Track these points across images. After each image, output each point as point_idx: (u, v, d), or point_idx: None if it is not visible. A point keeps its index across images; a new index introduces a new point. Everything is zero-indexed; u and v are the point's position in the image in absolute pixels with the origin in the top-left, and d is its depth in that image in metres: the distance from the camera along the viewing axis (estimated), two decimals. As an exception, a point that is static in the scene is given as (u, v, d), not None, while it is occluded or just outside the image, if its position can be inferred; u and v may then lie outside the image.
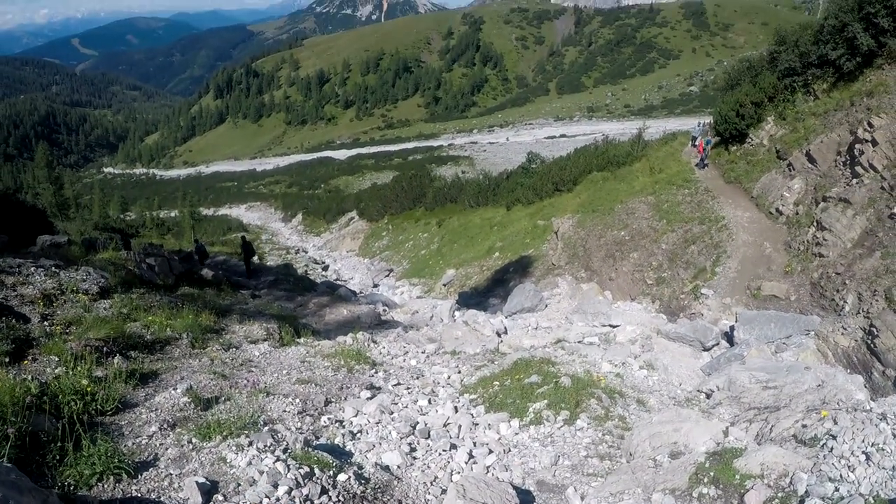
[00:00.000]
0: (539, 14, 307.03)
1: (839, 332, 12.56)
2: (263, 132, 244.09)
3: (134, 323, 11.49)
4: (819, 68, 25.15)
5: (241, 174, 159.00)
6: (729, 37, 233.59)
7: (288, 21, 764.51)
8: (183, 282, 19.54)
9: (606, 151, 41.84)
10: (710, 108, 53.27)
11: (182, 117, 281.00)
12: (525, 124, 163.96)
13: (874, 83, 21.17)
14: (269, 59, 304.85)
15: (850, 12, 23.26)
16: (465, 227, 45.46)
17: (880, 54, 21.93)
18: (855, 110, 21.24)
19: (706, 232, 22.88)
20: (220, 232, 65.04)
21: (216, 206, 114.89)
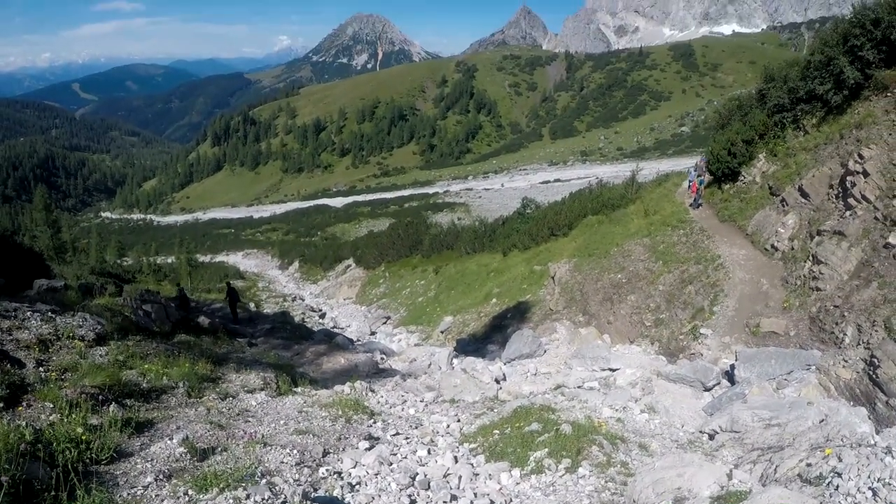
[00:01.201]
0: (531, 61, 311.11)
1: (840, 365, 12.47)
2: (260, 179, 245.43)
3: (130, 371, 11.39)
4: (807, 103, 25.44)
5: (238, 221, 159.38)
6: (718, 77, 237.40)
7: (285, 70, 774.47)
8: (179, 329, 19.46)
9: (601, 195, 42.10)
10: (702, 147, 53.68)
11: (180, 164, 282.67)
12: (520, 170, 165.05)
13: (862, 115, 21.36)
14: (266, 107, 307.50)
15: (836, 47, 23.63)
16: (462, 274, 45.39)
17: (867, 86, 22.14)
18: (845, 143, 21.41)
19: (703, 271, 22.86)
20: (216, 279, 64.80)
21: (213, 253, 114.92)
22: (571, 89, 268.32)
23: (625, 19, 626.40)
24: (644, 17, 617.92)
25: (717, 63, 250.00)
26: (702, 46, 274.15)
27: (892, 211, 17.36)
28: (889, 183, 17.98)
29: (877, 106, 21.05)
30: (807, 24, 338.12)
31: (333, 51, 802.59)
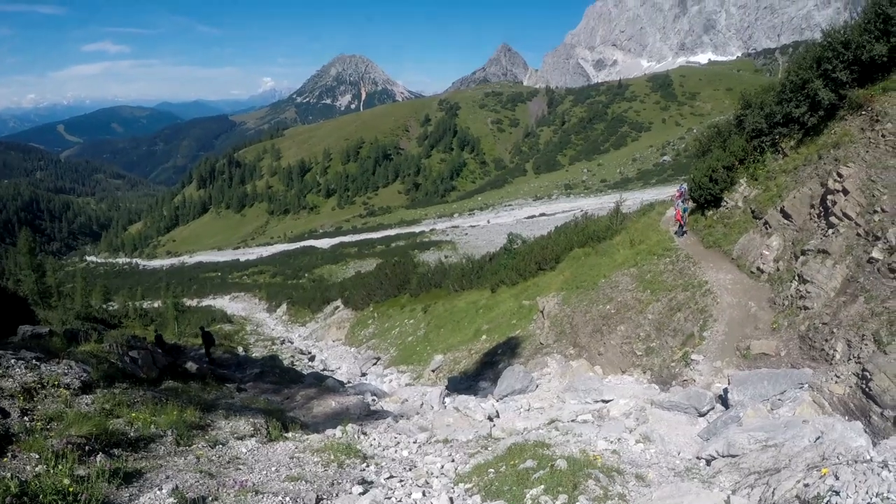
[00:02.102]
0: (512, 97, 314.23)
1: (833, 381, 12.49)
2: (246, 222, 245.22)
3: (117, 419, 11.23)
4: (785, 126, 25.80)
5: (225, 264, 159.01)
6: (696, 105, 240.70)
7: (269, 111, 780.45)
8: (167, 375, 19.27)
9: (586, 227, 42.31)
10: (684, 175, 53.99)
11: (165, 207, 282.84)
12: (505, 205, 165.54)
13: (839, 134, 21.70)
14: (251, 149, 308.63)
15: (809, 70, 24.01)
16: (451, 312, 45.31)
17: (841, 106, 22.53)
18: (823, 163, 21.71)
19: (691, 298, 22.87)
20: (204, 323, 64.56)
21: (200, 297, 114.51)
22: (553, 124, 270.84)
23: (603, 53, 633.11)
24: (622, 50, 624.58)
25: (694, 92, 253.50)
26: (679, 76, 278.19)
27: (873, 226, 17.51)
28: (869, 199, 18.17)
29: (852, 125, 21.40)
30: (780, 49, 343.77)
31: (317, 92, 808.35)
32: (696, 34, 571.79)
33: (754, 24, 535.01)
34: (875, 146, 19.31)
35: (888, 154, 18.60)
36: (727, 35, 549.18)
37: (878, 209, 17.59)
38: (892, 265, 15.58)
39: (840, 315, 16.04)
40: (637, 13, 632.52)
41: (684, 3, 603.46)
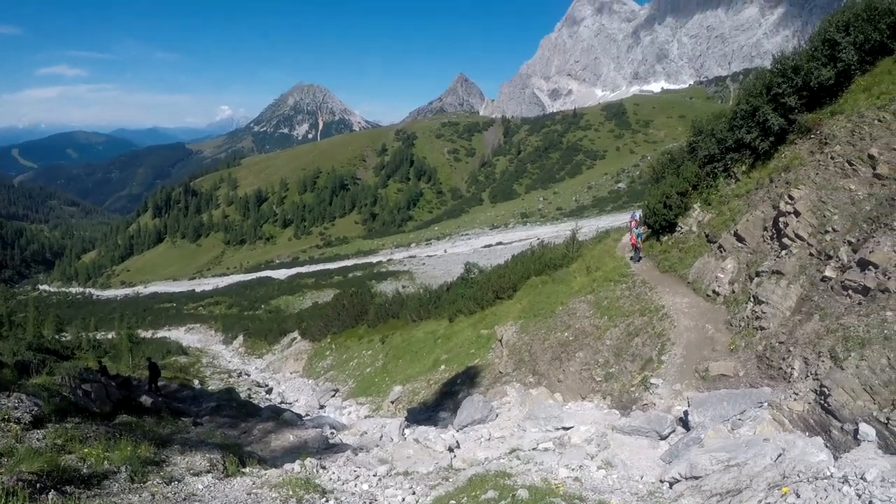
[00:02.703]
0: (469, 127, 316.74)
1: (792, 399, 12.62)
2: (202, 252, 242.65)
3: (69, 455, 10.93)
4: (736, 152, 26.39)
5: (180, 295, 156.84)
6: (650, 132, 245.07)
7: (226, 140, 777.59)
8: (121, 409, 18.84)
9: (543, 255, 42.54)
10: (639, 201, 54.58)
11: (120, 236, 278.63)
12: (462, 235, 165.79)
13: (789, 158, 22.23)
14: (208, 178, 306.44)
15: (759, 96, 24.59)
16: (409, 342, 45.15)
17: (791, 130, 23.16)
18: (775, 186, 22.18)
19: (648, 323, 23.00)
20: (159, 355, 63.36)
21: (155, 329, 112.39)
22: (509, 153, 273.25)
23: (558, 83, 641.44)
24: (576, 79, 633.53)
25: (648, 120, 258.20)
26: (633, 105, 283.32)
27: (825, 246, 17.87)
28: (820, 220, 18.57)
29: (802, 148, 21.95)
30: (731, 76, 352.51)
31: (275, 121, 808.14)
32: (650, 63, 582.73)
33: (706, 52, 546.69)
34: (825, 168, 19.73)
35: (837, 175, 19.01)
36: (679, 64, 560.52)
37: (829, 229, 17.96)
38: (845, 283, 15.83)
39: (796, 334, 16.23)
40: (591, 44, 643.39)
41: (637, 34, 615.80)
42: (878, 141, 18.34)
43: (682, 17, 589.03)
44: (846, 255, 16.60)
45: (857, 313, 14.45)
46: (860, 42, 21.87)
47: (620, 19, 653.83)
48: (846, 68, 22.12)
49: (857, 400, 11.61)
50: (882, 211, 16.54)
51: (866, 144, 18.68)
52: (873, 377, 11.78)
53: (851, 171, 18.65)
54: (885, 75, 20.67)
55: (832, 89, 22.53)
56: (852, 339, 13.29)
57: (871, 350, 12.39)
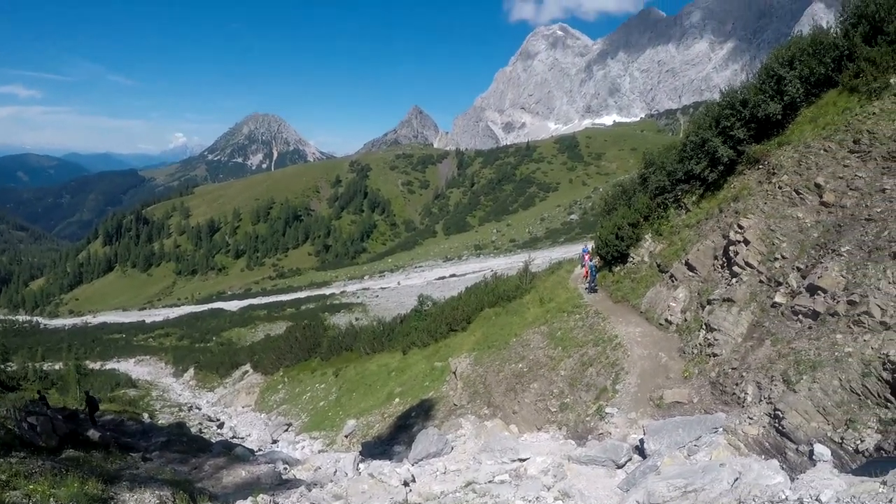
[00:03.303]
0: (423, 159, 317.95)
1: (747, 423, 12.73)
2: (153, 282, 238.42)
3: (13, 491, 10.53)
4: (687, 183, 26.90)
5: (130, 326, 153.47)
6: (602, 164, 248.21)
7: (179, 168, 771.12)
8: (67, 444, 18.30)
9: (496, 287, 42.75)
10: (591, 233, 55.02)
11: (69, 263, 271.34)
12: (415, 267, 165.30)
13: (738, 188, 22.78)
14: (160, 207, 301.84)
15: (709, 129, 25.22)
16: (363, 375, 44.84)
17: (740, 161, 23.85)
18: (724, 216, 22.68)
19: (602, 352, 23.08)
20: (108, 388, 62.14)
21: (104, 360, 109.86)
22: (463, 185, 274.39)
23: (512, 116, 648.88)
24: (530, 113, 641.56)
25: (600, 152, 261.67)
26: (585, 137, 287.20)
27: (775, 272, 18.28)
28: (769, 247, 19.01)
29: (751, 178, 22.48)
30: (681, 109, 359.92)
31: (229, 150, 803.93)
32: (602, 97, 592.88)
33: (657, 86, 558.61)
34: (773, 197, 20.14)
35: (785, 204, 19.41)
36: (631, 97, 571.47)
37: (778, 256, 18.33)
38: (795, 308, 16.12)
39: (748, 359, 16.39)
40: (545, 77, 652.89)
41: (590, 68, 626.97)
42: (825, 170, 18.76)
43: (634, 52, 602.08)
44: (795, 281, 16.89)
45: (808, 337, 14.67)
46: (806, 75, 22.49)
47: (574, 54, 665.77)
48: (792, 101, 22.73)
49: (811, 421, 11.78)
50: (829, 237, 16.90)
51: (813, 174, 19.10)
52: (826, 399, 11.98)
53: (799, 200, 19.02)
54: (831, 107, 21.21)
55: (779, 121, 23.11)
56: (804, 363, 13.49)
57: (822, 372, 12.56)
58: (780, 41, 28.33)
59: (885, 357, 11.50)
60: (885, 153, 17.22)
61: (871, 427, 10.90)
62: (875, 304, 13.27)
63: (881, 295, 13.40)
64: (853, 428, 11.10)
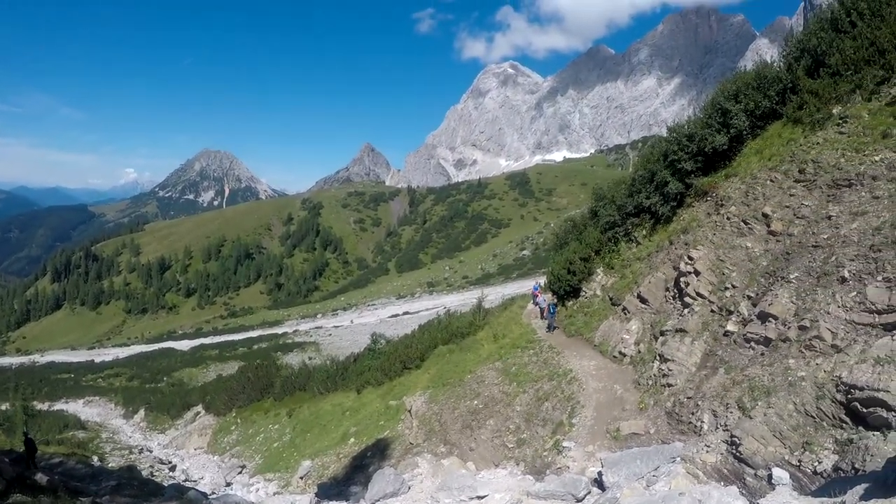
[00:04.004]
0: (375, 197, 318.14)
1: (704, 451, 12.75)
2: (102, 320, 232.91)
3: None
4: (637, 216, 27.39)
5: (79, 365, 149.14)
6: (553, 200, 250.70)
7: (130, 204, 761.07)
8: (14, 488, 17.71)
9: (450, 324, 42.84)
10: (544, 268, 55.32)
11: (16, 300, 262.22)
12: (368, 305, 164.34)
13: (687, 220, 23.28)
14: (110, 243, 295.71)
15: (657, 162, 25.70)
16: (317, 416, 44.36)
17: (688, 194, 24.44)
18: (674, 248, 23.11)
19: (557, 387, 23.13)
20: (56, 429, 60.54)
21: (51, 401, 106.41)
22: (415, 223, 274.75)
23: (463, 153, 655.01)
24: (481, 150, 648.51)
25: (551, 188, 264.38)
26: (536, 174, 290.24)
27: (726, 302, 18.63)
28: (719, 277, 19.40)
29: (699, 210, 22.95)
30: (630, 144, 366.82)
31: (180, 186, 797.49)
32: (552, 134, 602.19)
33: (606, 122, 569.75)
34: (721, 228, 20.51)
35: (734, 234, 19.78)
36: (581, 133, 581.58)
37: (728, 286, 18.65)
38: (747, 336, 16.37)
39: (703, 388, 16.54)
40: (496, 115, 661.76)
41: (541, 106, 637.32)
42: (771, 200, 19.16)
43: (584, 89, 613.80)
44: (746, 310, 17.16)
45: (761, 364, 14.87)
46: (751, 108, 23.05)
47: (524, 91, 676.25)
48: (738, 133, 23.28)
49: (769, 446, 11.86)
50: (778, 265, 17.21)
51: (760, 204, 19.50)
52: (782, 423, 12.10)
53: (747, 230, 19.36)
54: (776, 138, 21.73)
55: (726, 153, 23.62)
56: (758, 389, 13.65)
57: (777, 398, 12.70)
58: (726, 76, 29.03)
59: (838, 379, 11.67)
60: (829, 181, 17.66)
61: (827, 448, 11.03)
62: (826, 328, 13.52)
63: (831, 319, 13.66)
64: (810, 450, 11.23)
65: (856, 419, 11.11)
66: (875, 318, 12.81)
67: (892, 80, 18.81)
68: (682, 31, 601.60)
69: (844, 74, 20.20)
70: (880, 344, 11.85)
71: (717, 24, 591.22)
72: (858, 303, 13.40)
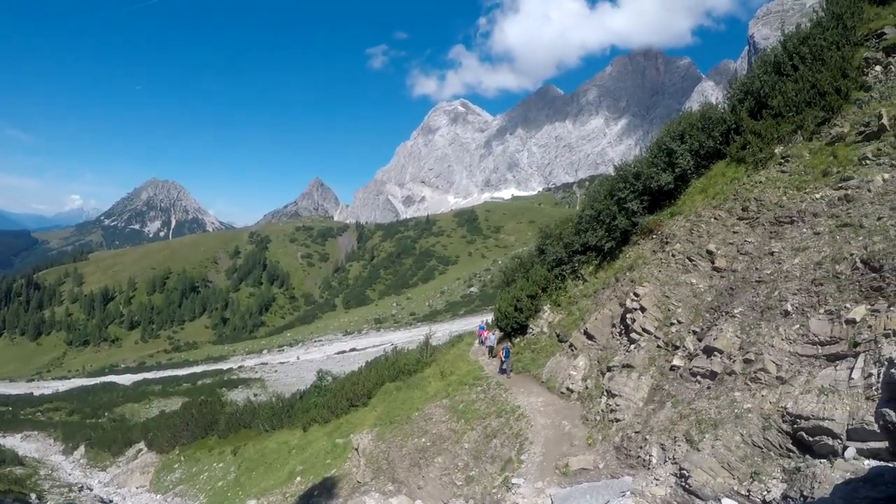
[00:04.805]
0: (323, 232, 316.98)
1: (653, 484, 12.86)
2: (42, 352, 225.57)
3: None
4: (583, 254, 27.87)
5: (17, 398, 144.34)
6: (501, 237, 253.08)
7: (74, 232, 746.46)
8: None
9: (397, 361, 42.81)
10: (491, 305, 55.52)
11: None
12: (315, 341, 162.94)
13: (633, 257, 23.76)
14: (52, 272, 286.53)
15: (604, 200, 26.18)
16: (262, 454, 43.71)
17: (634, 231, 25.01)
18: (621, 284, 23.53)
19: (505, 423, 23.14)
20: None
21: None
22: (363, 259, 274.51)
23: (412, 190, 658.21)
24: (430, 187, 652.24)
25: (499, 225, 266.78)
26: (484, 211, 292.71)
27: (672, 337, 18.97)
28: (665, 313, 19.76)
29: (645, 248, 23.48)
30: (578, 183, 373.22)
31: (126, 215, 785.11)
32: (501, 172, 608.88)
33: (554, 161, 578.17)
34: (666, 265, 20.93)
35: (679, 271, 20.18)
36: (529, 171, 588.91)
37: (674, 321, 18.98)
38: (693, 370, 16.65)
39: (651, 422, 16.69)
40: (445, 152, 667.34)
41: (490, 144, 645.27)
42: (715, 237, 19.62)
43: (533, 128, 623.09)
44: (692, 344, 17.44)
45: (708, 397, 15.10)
46: (695, 148, 23.66)
47: (474, 129, 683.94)
48: (683, 173, 23.84)
49: (717, 477, 12.02)
50: (722, 300, 17.56)
51: (704, 241, 19.95)
52: (730, 454, 12.28)
53: (692, 266, 19.74)
54: (720, 177, 22.30)
55: (672, 192, 24.17)
56: (705, 422, 13.85)
57: (724, 430, 12.90)
58: (672, 117, 29.72)
59: (784, 409, 11.91)
60: (771, 218, 18.15)
61: (775, 478, 11.21)
62: (770, 361, 13.80)
63: (775, 352, 13.95)
64: (758, 480, 11.40)
65: (802, 448, 11.38)
66: (818, 350, 13.13)
67: (832, 120, 19.49)
68: (629, 73, 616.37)
69: (786, 115, 20.86)
70: (824, 374, 12.14)
71: (664, 67, 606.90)
72: (802, 335, 13.73)
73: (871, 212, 15.26)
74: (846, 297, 13.53)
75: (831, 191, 17.13)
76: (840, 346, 12.62)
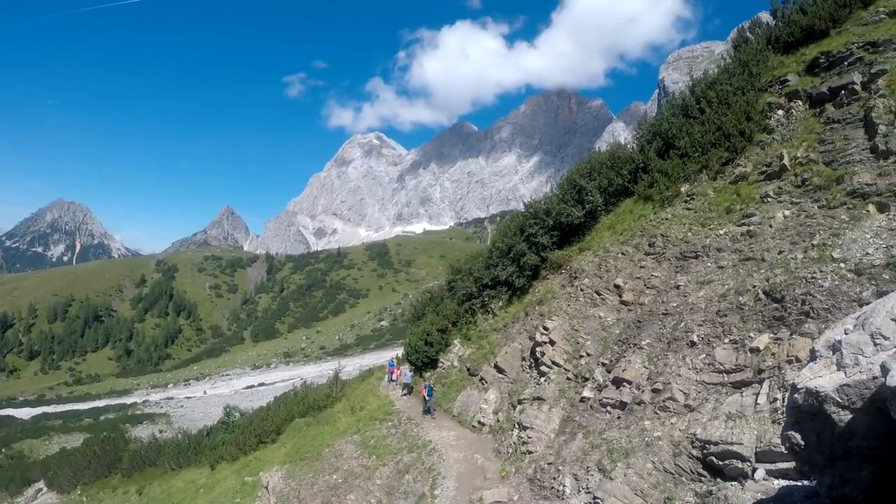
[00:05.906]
0: (232, 262, 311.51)
1: (569, 514, 12.87)
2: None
3: None
4: (493, 289, 28.25)
5: None
6: (412, 271, 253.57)
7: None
8: None
9: (306, 396, 42.57)
10: (402, 339, 55.51)
11: None
12: (222, 375, 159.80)
13: (543, 292, 24.25)
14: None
15: (515, 236, 26.69)
16: (169, 493, 42.43)
17: (544, 266, 25.71)
18: (530, 318, 23.96)
19: (417, 458, 23.14)
20: None
21: None
22: (272, 291, 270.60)
23: (324, 222, 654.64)
24: (342, 219, 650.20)
25: (410, 259, 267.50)
26: (396, 245, 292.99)
27: (581, 369, 19.40)
28: (574, 346, 20.21)
29: (554, 282, 23.96)
30: (489, 218, 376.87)
31: (29, 237, 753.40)
32: (413, 206, 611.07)
33: (466, 196, 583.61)
34: (575, 299, 21.35)
35: (587, 305, 20.62)
36: (441, 206, 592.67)
37: (583, 353, 19.38)
38: (603, 401, 16.98)
39: (563, 453, 16.86)
40: (358, 185, 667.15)
41: (403, 178, 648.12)
42: (623, 272, 20.16)
43: (446, 164, 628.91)
44: (601, 376, 17.80)
45: (618, 427, 15.38)
46: (604, 186, 24.35)
47: (388, 163, 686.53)
48: (593, 209, 24.41)
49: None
50: (630, 333, 18.01)
51: (612, 275, 20.49)
52: (642, 482, 12.58)
53: (600, 300, 20.21)
54: (627, 214, 22.98)
55: (581, 228, 24.82)
56: (617, 451, 14.13)
57: (636, 458, 13.20)
58: (583, 155, 30.55)
59: (693, 436, 12.26)
60: (677, 254, 18.77)
61: (688, 502, 11.57)
62: (678, 390, 14.20)
63: (682, 381, 14.36)
64: (672, 505, 11.60)
65: (713, 472, 11.75)
66: (724, 378, 13.56)
67: (736, 160, 20.36)
68: (543, 112, 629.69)
69: (692, 156, 21.69)
70: (731, 401, 12.54)
71: (576, 107, 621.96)
72: (708, 364, 14.19)
73: (773, 246, 15.95)
74: (750, 326, 14.07)
75: (735, 227, 17.83)
76: (745, 373, 13.08)
